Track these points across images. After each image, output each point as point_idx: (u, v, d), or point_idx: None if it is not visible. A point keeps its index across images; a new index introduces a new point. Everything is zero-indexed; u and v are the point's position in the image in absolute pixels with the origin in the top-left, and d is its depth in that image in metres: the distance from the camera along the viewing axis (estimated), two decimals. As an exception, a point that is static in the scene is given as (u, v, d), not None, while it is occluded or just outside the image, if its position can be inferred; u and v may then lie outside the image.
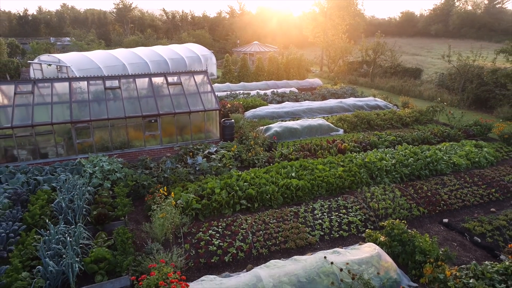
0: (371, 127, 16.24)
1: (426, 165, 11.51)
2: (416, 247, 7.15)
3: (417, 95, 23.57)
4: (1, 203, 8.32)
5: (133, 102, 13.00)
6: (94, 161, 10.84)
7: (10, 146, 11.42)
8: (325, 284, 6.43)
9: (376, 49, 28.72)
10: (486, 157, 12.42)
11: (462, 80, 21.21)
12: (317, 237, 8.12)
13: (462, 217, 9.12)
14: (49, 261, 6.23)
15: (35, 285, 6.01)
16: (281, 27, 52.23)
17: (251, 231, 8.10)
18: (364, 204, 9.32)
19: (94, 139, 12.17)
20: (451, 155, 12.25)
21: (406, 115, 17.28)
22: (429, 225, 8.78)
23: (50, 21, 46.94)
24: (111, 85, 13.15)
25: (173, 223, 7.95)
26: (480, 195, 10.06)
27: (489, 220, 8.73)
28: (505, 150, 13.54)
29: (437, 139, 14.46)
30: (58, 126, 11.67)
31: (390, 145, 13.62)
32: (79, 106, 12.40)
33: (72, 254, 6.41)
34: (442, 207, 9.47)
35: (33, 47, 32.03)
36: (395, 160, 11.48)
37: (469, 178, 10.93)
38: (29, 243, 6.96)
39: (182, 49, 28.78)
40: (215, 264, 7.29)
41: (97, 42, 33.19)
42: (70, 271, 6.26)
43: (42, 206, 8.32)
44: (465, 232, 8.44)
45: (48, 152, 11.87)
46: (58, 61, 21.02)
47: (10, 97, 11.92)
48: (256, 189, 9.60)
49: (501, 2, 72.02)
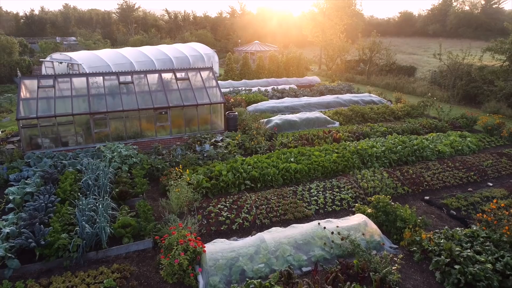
0: (365, 120, 17.38)
1: (413, 152, 12.65)
2: (397, 216, 8.29)
3: (410, 92, 24.71)
4: (35, 181, 9.47)
5: (144, 95, 14.13)
6: (112, 148, 11.99)
7: (35, 135, 12.55)
8: (318, 244, 7.57)
9: (372, 48, 29.87)
10: (469, 146, 13.57)
11: (453, 77, 22.36)
12: (313, 210, 9.26)
13: (441, 195, 10.27)
14: (85, 224, 7.38)
15: (74, 243, 7.15)
16: (281, 27, 53.36)
17: (255, 206, 9.24)
18: (355, 184, 10.46)
19: (110, 129, 13.31)
20: (436, 144, 13.39)
21: (398, 109, 18.42)
22: (412, 202, 9.91)
23: (56, 21, 48.09)
24: (124, 80, 14.29)
25: (187, 197, 9.08)
26: (459, 178, 11.21)
27: (465, 197, 9.87)
28: (487, 140, 14.67)
29: (425, 130, 15.61)
30: (78, 117, 12.80)
31: (382, 136, 14.76)
32: (96, 99, 13.54)
33: (103, 219, 7.56)
34: (425, 187, 10.62)
35: (42, 46, 33.14)
36: (384, 147, 12.63)
37: (452, 164, 12.06)
38: (65, 212, 8.10)
39: (186, 48, 29.93)
40: (224, 232, 8.42)
41: (103, 42, 34.32)
42: (103, 232, 7.41)
43: (71, 183, 9.47)
44: (443, 207, 9.58)
45: (68, 141, 13.01)
46: (69, 59, 22.15)
47: (33, 91, 13.06)
48: (258, 172, 10.73)
49: (498, 2, 73.17)
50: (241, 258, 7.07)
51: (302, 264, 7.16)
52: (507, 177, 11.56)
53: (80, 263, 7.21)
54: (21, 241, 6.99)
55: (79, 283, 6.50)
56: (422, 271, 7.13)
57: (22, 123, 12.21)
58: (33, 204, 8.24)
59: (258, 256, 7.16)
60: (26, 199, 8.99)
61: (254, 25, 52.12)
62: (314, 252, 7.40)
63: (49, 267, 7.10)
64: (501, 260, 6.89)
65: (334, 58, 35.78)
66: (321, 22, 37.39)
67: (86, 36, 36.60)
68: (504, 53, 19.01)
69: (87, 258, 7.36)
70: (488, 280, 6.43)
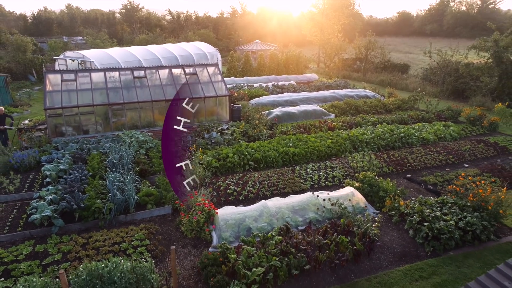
0: (359, 112, 18.77)
1: (399, 139, 14.06)
2: (380, 188, 9.70)
3: (403, 88, 26.11)
4: (66, 161, 10.88)
5: (156, 89, 15.53)
6: (130, 135, 13.40)
7: (59, 123, 13.96)
8: (312, 209, 8.97)
9: (368, 47, 31.27)
10: (451, 134, 14.97)
11: (442, 74, 23.75)
12: (308, 185, 10.66)
13: (422, 174, 11.67)
14: (116, 191, 8.78)
15: (107, 207, 8.56)
16: (281, 26, 54.75)
17: (258, 181, 10.64)
18: (346, 165, 11.86)
19: (126, 119, 14.72)
20: (422, 132, 14.79)
21: (390, 103, 19.82)
22: (395, 179, 11.30)
23: (63, 21, 49.56)
24: (138, 75, 15.70)
25: (199, 173, 10.48)
26: (439, 160, 12.62)
27: (442, 175, 11.28)
28: (469, 129, 16.07)
29: (413, 121, 17.01)
30: (98, 107, 14.22)
31: (372, 125, 16.15)
32: (113, 92, 14.94)
33: (131, 188, 8.96)
34: (408, 167, 12.03)
35: (51, 46, 34.53)
36: (374, 134, 14.03)
37: (434, 149, 13.46)
38: (97, 184, 9.51)
39: (190, 46, 31.30)
40: (232, 201, 9.82)
41: (110, 41, 35.72)
42: (131, 198, 8.81)
43: (98, 162, 10.87)
44: (422, 183, 10.97)
45: (89, 129, 14.42)
46: (82, 57, 23.52)
47: (57, 84, 14.47)
48: (261, 154, 12.13)
49: (494, 3, 74.55)
50: (247, 219, 8.47)
51: (298, 224, 8.57)
52: (482, 160, 12.96)
53: (112, 224, 8.61)
54: (65, 204, 8.39)
55: (114, 236, 7.91)
56: (398, 230, 8.53)
57: (49, 113, 13.62)
58: (70, 177, 9.65)
59: (262, 218, 8.56)
60: (60, 175, 10.39)
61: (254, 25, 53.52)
62: (308, 215, 8.81)
63: (87, 226, 8.50)
64: (464, 220, 8.30)
65: (332, 57, 37.18)
66: (320, 22, 38.78)
67: (93, 35, 37.99)
68: (488, 50, 20.40)
69: (118, 221, 8.75)
70: (451, 233, 7.84)
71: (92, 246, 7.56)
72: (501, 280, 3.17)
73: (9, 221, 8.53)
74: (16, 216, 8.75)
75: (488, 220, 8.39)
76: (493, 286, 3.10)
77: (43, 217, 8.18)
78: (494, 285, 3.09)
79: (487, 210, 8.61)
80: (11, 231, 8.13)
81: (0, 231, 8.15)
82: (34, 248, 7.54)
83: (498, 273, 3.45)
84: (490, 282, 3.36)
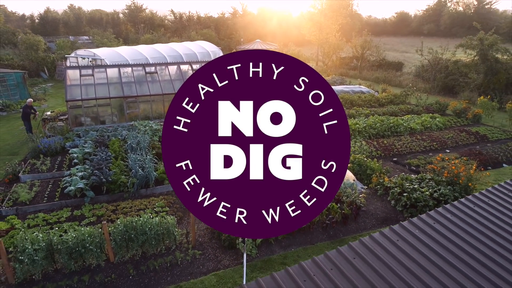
0: (353, 106, 20.11)
1: (389, 128, 15.42)
2: (368, 167, 11.06)
3: (397, 84, 27.47)
4: (90, 145, 12.25)
5: (167, 83, 16.89)
6: (143, 124, 14.76)
7: (79, 114, 15.31)
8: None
9: (364, 46, 32.64)
10: (437, 124, 16.33)
11: (433, 71, 25.12)
12: (305, 166, 12.01)
13: (407, 157, 13.03)
14: (138, 168, 10.15)
15: (131, 181, 9.92)
16: (281, 26, 56.08)
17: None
18: (339, 150, 13.21)
19: (139, 110, 16.08)
20: (410, 122, 16.16)
21: (383, 98, 21.18)
22: (383, 162, 12.66)
23: (68, 21, 50.99)
24: (150, 70, 17.06)
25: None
26: (424, 146, 13.98)
27: (424, 158, 12.64)
28: (454, 121, 17.43)
29: (403, 113, 18.37)
30: (113, 99, 15.57)
31: (365, 117, 17.50)
32: (127, 86, 16.30)
33: (150, 166, 10.32)
34: (395, 152, 13.39)
35: (59, 45, 35.89)
36: (366, 124, 15.39)
37: (420, 137, 14.83)
38: (119, 163, 10.87)
39: (194, 45, 32.66)
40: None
41: (116, 41, 37.09)
42: (151, 174, 10.18)
43: (118, 146, 12.24)
44: (406, 165, 12.34)
45: (105, 120, 15.78)
46: (93, 55, 24.89)
47: (76, 79, 15.82)
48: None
49: (489, 3, 75.96)
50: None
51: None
52: (463, 146, 14.33)
53: (135, 196, 9.97)
54: (95, 178, 9.75)
55: (138, 204, 9.27)
56: (382, 201, 9.90)
57: (70, 104, 14.97)
58: (96, 157, 11.01)
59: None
60: (85, 157, 11.74)
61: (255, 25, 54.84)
62: (304, 189, 10.16)
63: (114, 198, 9.86)
64: (438, 192, 9.66)
65: (330, 55, 38.53)
66: (318, 22, 40.14)
67: (99, 35, 39.37)
68: (474, 48, 21.75)
69: (140, 194, 10.11)
70: (426, 202, 9.20)
71: (120, 211, 8.92)
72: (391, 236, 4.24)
73: (46, 193, 9.88)
74: (51, 190, 10.11)
75: (459, 192, 9.74)
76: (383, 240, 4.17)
77: (76, 189, 9.54)
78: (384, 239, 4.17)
79: (459, 184, 9.95)
80: (49, 201, 9.49)
81: (40, 201, 9.51)
82: (72, 213, 8.90)
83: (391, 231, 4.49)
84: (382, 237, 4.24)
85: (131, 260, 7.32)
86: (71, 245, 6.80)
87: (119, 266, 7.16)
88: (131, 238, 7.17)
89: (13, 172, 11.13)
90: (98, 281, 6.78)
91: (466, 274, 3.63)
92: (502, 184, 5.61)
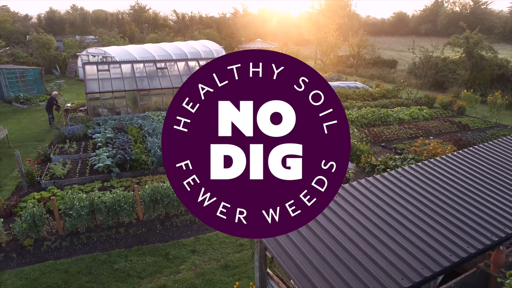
0: (348, 99, 21.61)
1: (379, 118, 16.92)
2: (357, 149, 12.57)
3: (391, 81, 28.98)
4: (111, 131, 13.76)
5: (176, 78, 18.39)
6: (156, 114, 16.27)
7: (97, 106, 16.82)
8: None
9: (360, 44, 34.15)
10: (424, 115, 17.85)
11: (424, 68, 26.64)
12: (303, 150, 13.51)
13: (394, 143, 14.54)
14: (156, 148, 11.65)
15: (151, 160, 11.42)
16: (281, 26, 57.60)
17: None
18: (333, 136, 14.73)
19: (152, 102, 17.59)
20: (399, 114, 17.66)
21: (376, 92, 22.69)
22: (372, 146, 14.16)
23: (74, 21, 52.50)
24: (160, 66, 18.57)
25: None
26: (410, 134, 15.49)
27: (409, 143, 14.15)
28: (440, 112, 18.95)
29: (393, 106, 19.88)
30: (128, 92, 17.07)
31: (358, 109, 19.01)
32: (140, 80, 17.80)
33: (167, 147, 11.82)
34: (383, 138, 14.90)
35: (67, 44, 37.37)
36: (358, 115, 16.90)
37: (407, 126, 16.33)
38: (139, 146, 12.37)
39: (198, 44, 34.18)
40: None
41: (122, 40, 38.59)
42: (168, 154, 11.67)
43: (136, 132, 13.74)
44: (393, 149, 13.85)
45: (121, 111, 17.29)
46: (104, 53, 26.39)
47: (94, 74, 17.33)
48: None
49: (485, 4, 77.51)
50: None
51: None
52: (445, 134, 15.84)
53: (154, 172, 11.46)
54: (120, 157, 11.25)
55: (158, 178, 10.78)
56: (369, 177, 11.38)
57: (89, 97, 16.48)
58: (118, 140, 12.53)
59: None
60: (107, 141, 13.24)
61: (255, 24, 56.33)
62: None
63: (135, 174, 11.36)
64: (417, 168, 11.14)
65: (328, 54, 40.03)
66: (317, 21, 41.65)
67: (105, 34, 40.86)
68: (461, 46, 23.25)
69: (158, 171, 11.59)
70: (405, 176, 10.69)
71: (144, 184, 10.42)
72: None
73: (77, 171, 11.38)
74: (81, 167, 11.61)
75: (435, 169, 11.24)
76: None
77: (104, 166, 11.04)
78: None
79: (435, 162, 11.45)
80: (81, 176, 10.99)
81: (73, 175, 11.01)
82: (103, 184, 10.42)
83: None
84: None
85: (157, 218, 8.83)
86: (109, 204, 8.30)
87: (148, 223, 8.67)
88: (157, 200, 8.68)
89: (44, 154, 12.63)
90: (132, 233, 8.29)
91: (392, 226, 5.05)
92: (449, 155, 6.99)
